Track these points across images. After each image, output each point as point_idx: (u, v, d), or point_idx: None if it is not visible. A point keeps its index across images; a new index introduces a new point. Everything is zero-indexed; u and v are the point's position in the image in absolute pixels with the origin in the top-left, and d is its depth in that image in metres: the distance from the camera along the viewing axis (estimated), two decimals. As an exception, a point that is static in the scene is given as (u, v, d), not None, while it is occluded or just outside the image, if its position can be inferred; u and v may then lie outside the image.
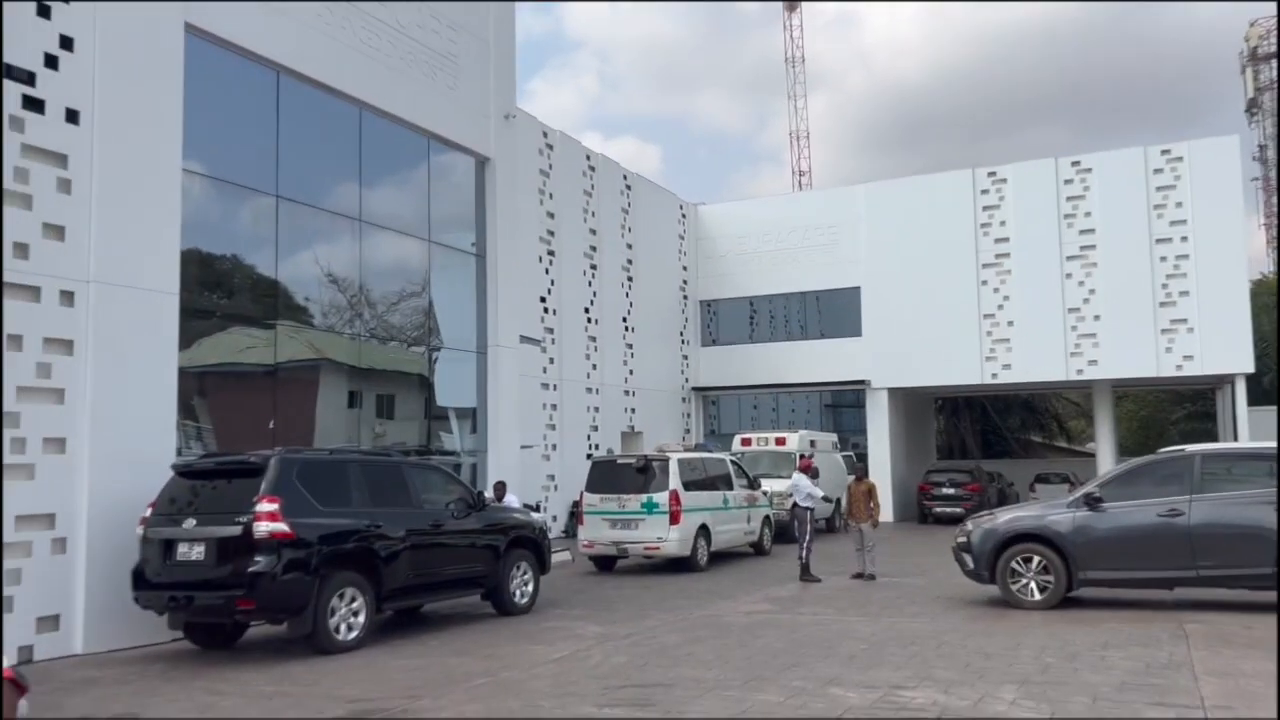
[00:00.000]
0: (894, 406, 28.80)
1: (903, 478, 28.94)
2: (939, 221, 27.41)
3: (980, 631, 10.00)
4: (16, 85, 9.89)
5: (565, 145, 24.08)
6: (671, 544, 16.12)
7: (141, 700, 7.89)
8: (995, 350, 26.74)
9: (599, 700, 7.35)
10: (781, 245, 30.14)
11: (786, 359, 29.62)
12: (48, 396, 10.09)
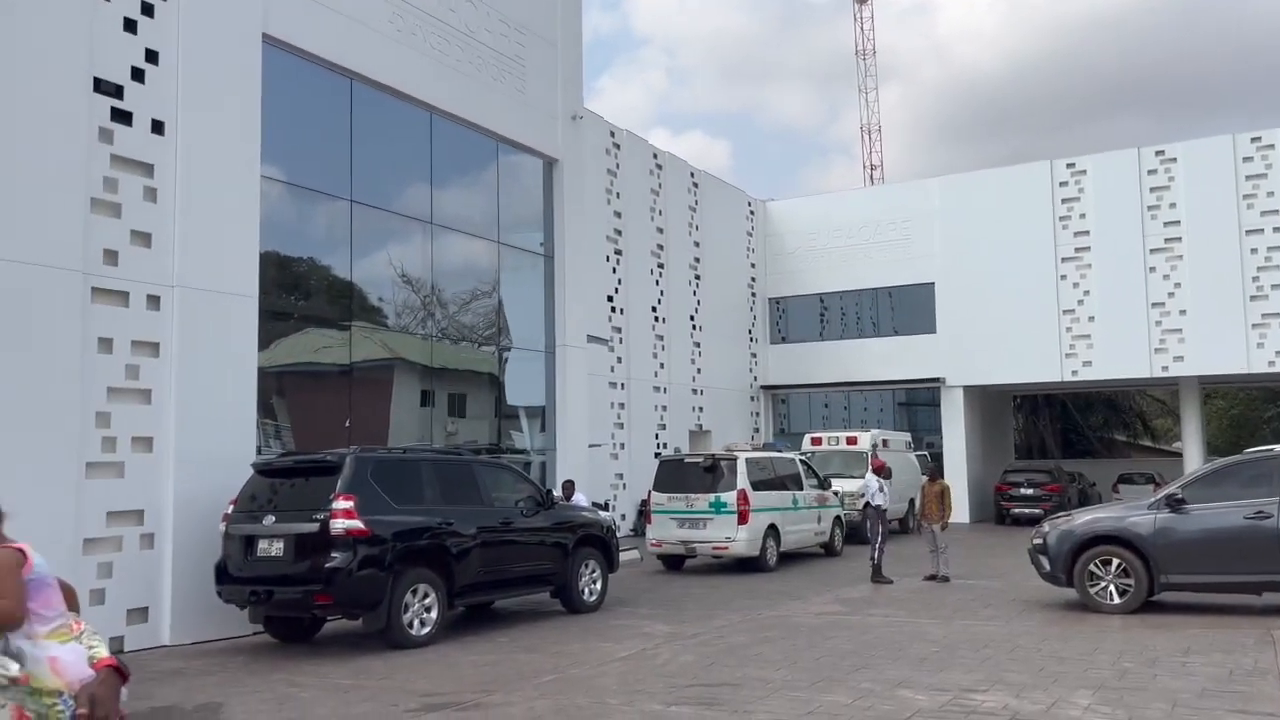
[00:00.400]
0: (969, 405, 28.36)
1: (979, 478, 28.50)
2: (1016, 215, 26.90)
3: (1056, 635, 9.86)
4: (106, 98, 10.33)
5: (632, 144, 24.26)
6: (740, 544, 16.15)
7: (225, 691, 8.21)
8: (1075, 346, 26.15)
9: (665, 698, 7.46)
10: (852, 241, 29.88)
11: (858, 357, 29.39)
12: (136, 397, 10.51)
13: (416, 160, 15.37)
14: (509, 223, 17.31)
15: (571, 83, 18.39)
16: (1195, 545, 10.69)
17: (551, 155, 17.78)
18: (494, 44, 16.33)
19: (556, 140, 17.81)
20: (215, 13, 11.46)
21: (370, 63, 13.86)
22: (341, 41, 13.36)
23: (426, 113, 15.15)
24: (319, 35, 13.02)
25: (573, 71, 18.47)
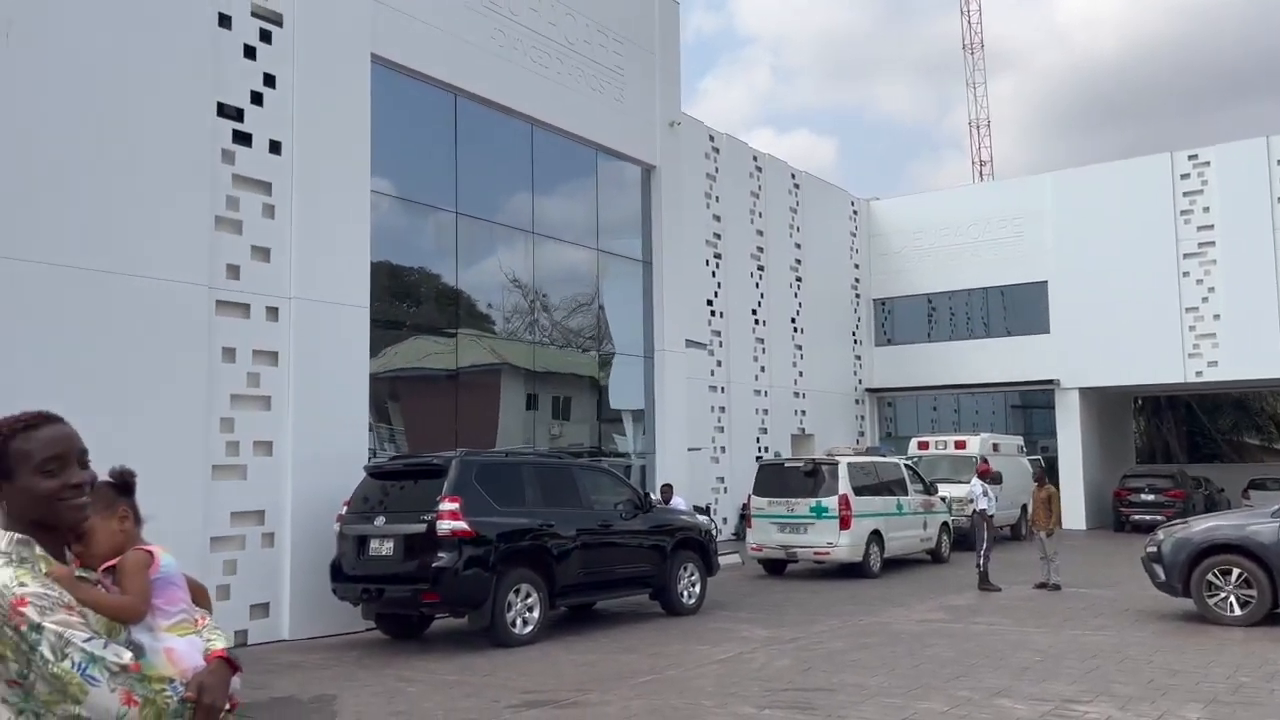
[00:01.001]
0: (1086, 407, 27.40)
1: (1096, 483, 27.50)
2: (1134, 210, 25.89)
3: (1169, 647, 9.56)
4: (228, 122, 10.93)
5: (732, 147, 24.31)
6: (842, 549, 16.05)
7: (339, 684, 8.60)
8: (1199, 346, 25.00)
9: (759, 701, 7.54)
10: (960, 239, 29.22)
11: (967, 358, 28.72)
12: (257, 403, 11.06)
13: (518, 170, 15.77)
14: (608, 229, 17.59)
15: (669, 90, 18.56)
16: (1324, 555, 10.22)
17: (649, 162, 17.97)
18: (593, 55, 16.62)
19: (654, 147, 18.00)
20: (327, 36, 12.00)
21: (474, 78, 14.28)
22: (446, 58, 13.79)
23: (528, 124, 15.53)
24: (425, 53, 13.48)
25: (671, 79, 18.64)
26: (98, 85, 9.82)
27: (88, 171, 9.68)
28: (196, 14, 10.67)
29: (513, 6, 14.95)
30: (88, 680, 2.08)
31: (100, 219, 9.74)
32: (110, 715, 2.10)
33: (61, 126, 9.54)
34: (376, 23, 12.68)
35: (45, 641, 2.06)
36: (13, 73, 9.19)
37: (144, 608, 2.40)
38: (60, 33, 9.56)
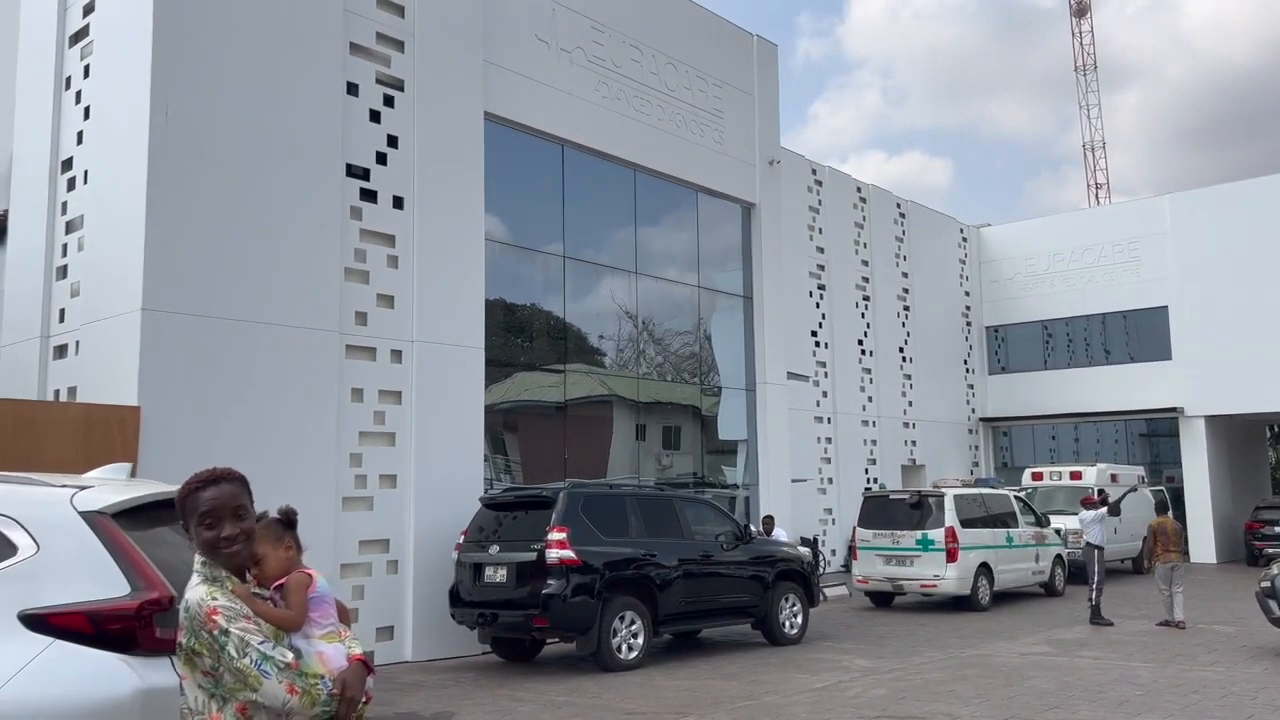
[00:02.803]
0: (1213, 435, 26.33)
1: (1227, 514, 26.35)
2: (1263, 230, 24.92)
3: (1278, 685, 9.35)
4: (355, 181, 11.78)
5: (834, 180, 24.44)
6: (949, 582, 15.95)
7: (457, 702, 9.15)
8: (1336, 372, 23.84)
9: None
10: (1075, 264, 28.59)
11: (1085, 386, 27.97)
12: (382, 439, 11.76)
13: (622, 213, 16.21)
14: (709, 266, 17.89)
15: (769, 129, 18.82)
16: None
17: (749, 200, 18.24)
18: (693, 100, 17.03)
19: (754, 185, 18.26)
20: (444, 99, 12.78)
21: (579, 128, 14.85)
22: (553, 112, 14.44)
23: (630, 170, 15.98)
24: (533, 108, 14.15)
25: (770, 118, 18.88)
26: (245, 154, 10.76)
27: (237, 231, 10.61)
28: (329, 86, 11.60)
29: (615, 59, 15.57)
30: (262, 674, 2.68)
31: (247, 274, 10.63)
32: (278, 701, 2.69)
33: (214, 192, 10.50)
34: (489, 83, 13.43)
35: (231, 643, 2.67)
36: (172, 147, 10.25)
37: (302, 620, 2.98)
38: (211, 110, 10.59)
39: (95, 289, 10.67)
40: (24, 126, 12.20)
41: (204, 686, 2.71)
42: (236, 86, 10.81)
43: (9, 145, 12.41)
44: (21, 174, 12.13)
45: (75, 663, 3.40)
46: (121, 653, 3.45)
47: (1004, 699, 8.86)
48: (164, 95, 10.19)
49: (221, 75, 10.69)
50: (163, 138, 10.15)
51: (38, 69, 12.04)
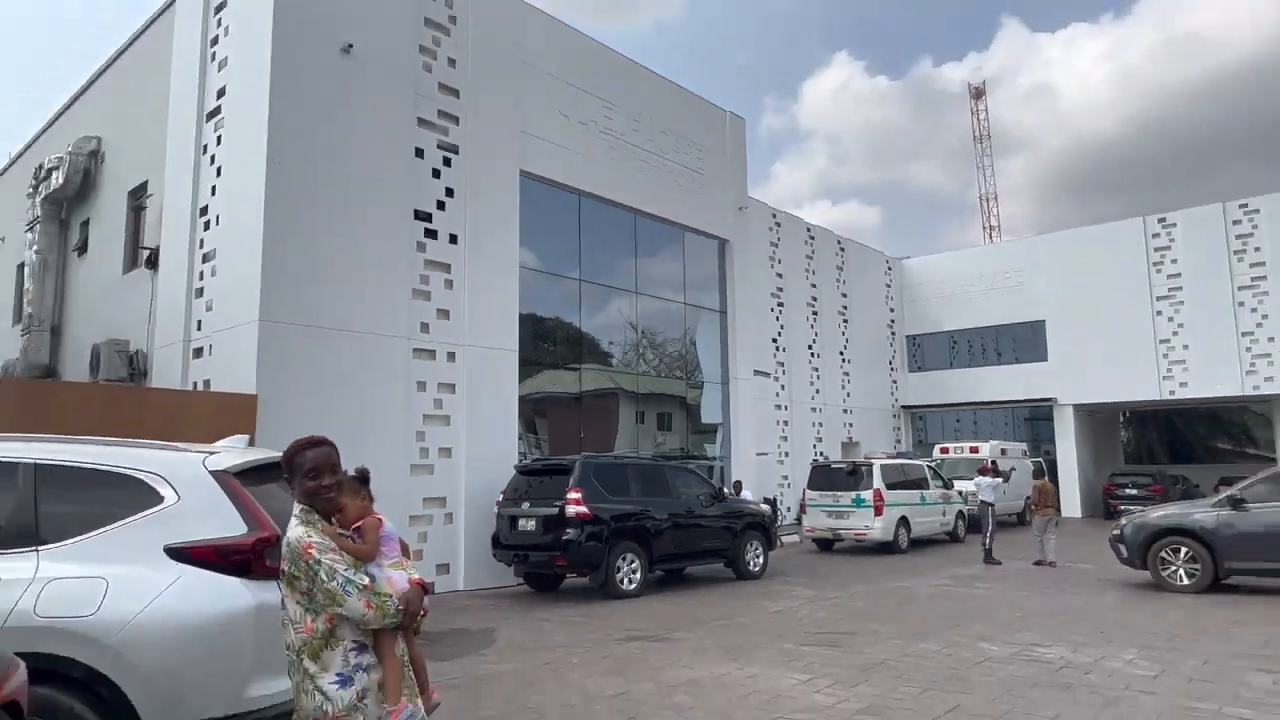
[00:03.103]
0: (1079, 420, 26.38)
1: (1089, 480, 26.41)
2: (1114, 263, 25.00)
3: (1125, 608, 9.41)
4: (420, 222, 11.85)
5: (790, 223, 24.47)
6: (876, 531, 15.98)
7: (497, 621, 9.20)
8: (1172, 370, 23.85)
9: (798, 640, 7.82)
10: (974, 288, 28.66)
11: (982, 381, 28.01)
12: (441, 421, 11.83)
13: (625, 247, 16.22)
14: (693, 288, 17.88)
15: (738, 182, 18.80)
16: (1256, 538, 9.88)
17: (723, 236, 18.23)
18: (680, 160, 17.06)
19: (728, 226, 18.28)
20: (490, 160, 12.84)
21: (591, 182, 14.89)
22: (572, 170, 14.50)
23: (632, 214, 16.00)
24: (558, 167, 14.20)
25: (739, 174, 18.86)
26: (338, 202, 10.85)
27: (331, 261, 10.71)
28: (402, 150, 11.69)
29: (620, 130, 15.62)
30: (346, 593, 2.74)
31: (339, 293, 10.72)
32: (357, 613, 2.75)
33: (314, 231, 10.60)
34: (523, 147, 13.50)
35: (322, 569, 2.73)
36: (282, 198, 10.33)
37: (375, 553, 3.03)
38: (312, 169, 10.67)
39: (224, 305, 10.75)
40: (171, 184, 12.28)
41: (301, 603, 2.77)
42: (332, 151, 10.88)
43: (161, 199, 12.48)
44: (170, 219, 12.21)
45: (206, 583, 3.48)
46: (240, 576, 3.53)
47: (916, 619, 8.88)
48: (277, 158, 10.27)
49: (320, 142, 10.77)
50: (276, 191, 10.22)
51: (182, 138, 12.12)
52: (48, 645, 3.25)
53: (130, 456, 3.74)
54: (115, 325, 13.05)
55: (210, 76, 11.71)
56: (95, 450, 3.77)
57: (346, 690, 2.69)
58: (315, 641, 2.71)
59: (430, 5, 12.33)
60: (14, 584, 3.35)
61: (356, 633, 2.77)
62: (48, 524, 3.53)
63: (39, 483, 3.60)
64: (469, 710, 5.64)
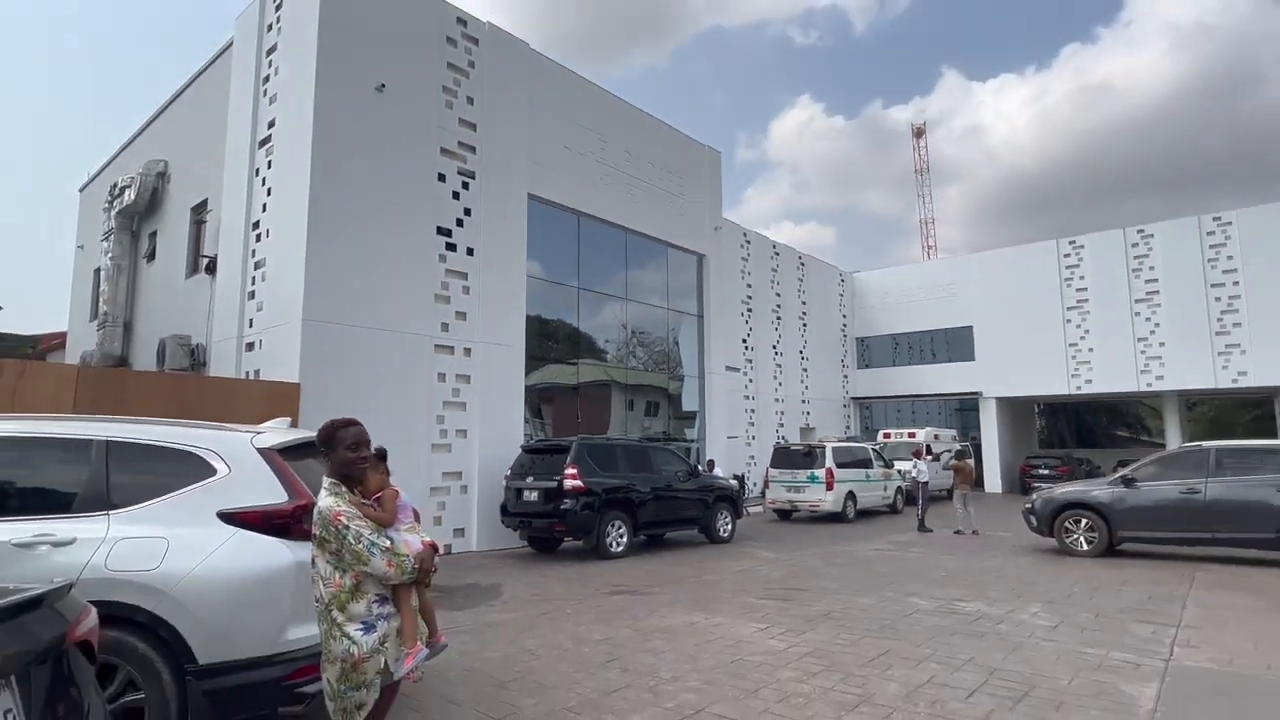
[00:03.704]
0: (1001, 410, 26.58)
1: (1009, 461, 26.63)
2: (1032, 277, 25.18)
3: (1034, 569, 9.50)
4: (442, 237, 11.83)
5: (758, 241, 24.50)
6: (827, 503, 16.04)
7: (504, 577, 9.22)
8: (1079, 370, 24.05)
9: (759, 594, 7.88)
10: (914, 298, 28.79)
11: (919, 377, 28.15)
12: (458, 407, 11.82)
13: (616, 259, 16.21)
14: (675, 295, 17.88)
15: (714, 206, 18.79)
16: (1143, 511, 10.02)
17: (701, 252, 18.24)
18: (664, 186, 17.08)
19: (705, 243, 18.29)
20: (502, 185, 12.84)
21: (589, 204, 14.89)
22: (573, 193, 14.49)
23: (623, 232, 16.01)
24: (561, 191, 14.20)
25: (715, 199, 18.86)
26: (371, 219, 10.83)
27: (366, 270, 10.69)
28: (426, 175, 11.66)
29: (615, 160, 15.63)
30: (370, 553, 2.79)
31: (372, 297, 10.71)
32: (380, 570, 2.79)
33: (351, 244, 10.55)
34: (531, 174, 13.48)
35: (350, 533, 2.78)
36: (324, 215, 10.30)
37: (393, 520, 3.09)
38: (349, 190, 10.64)
39: (272, 306, 10.71)
40: (228, 201, 12.21)
41: (330, 562, 2.81)
42: (366, 175, 10.86)
43: (219, 214, 12.41)
44: (226, 232, 12.15)
45: (253, 543, 3.50)
46: (281, 538, 3.55)
47: (858, 578, 8.94)
48: (318, 181, 10.23)
49: (356, 167, 10.73)
50: (317, 209, 10.18)
51: (238, 163, 12.06)
52: (116, 594, 3.28)
53: (188, 435, 3.76)
54: (179, 322, 12.97)
55: (262, 109, 11.65)
56: (159, 430, 3.79)
57: (370, 636, 2.74)
58: (343, 595, 2.76)
59: (452, 52, 12.30)
60: (89, 542, 3.38)
61: (378, 587, 2.82)
62: (117, 492, 3.55)
63: (110, 457, 3.62)
64: (477, 652, 5.69)
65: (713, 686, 4.76)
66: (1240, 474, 9.45)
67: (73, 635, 2.23)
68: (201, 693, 3.28)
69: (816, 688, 4.73)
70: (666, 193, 17.12)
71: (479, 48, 12.70)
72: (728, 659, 5.41)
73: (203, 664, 3.31)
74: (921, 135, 54.85)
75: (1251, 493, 9.27)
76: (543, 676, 5.04)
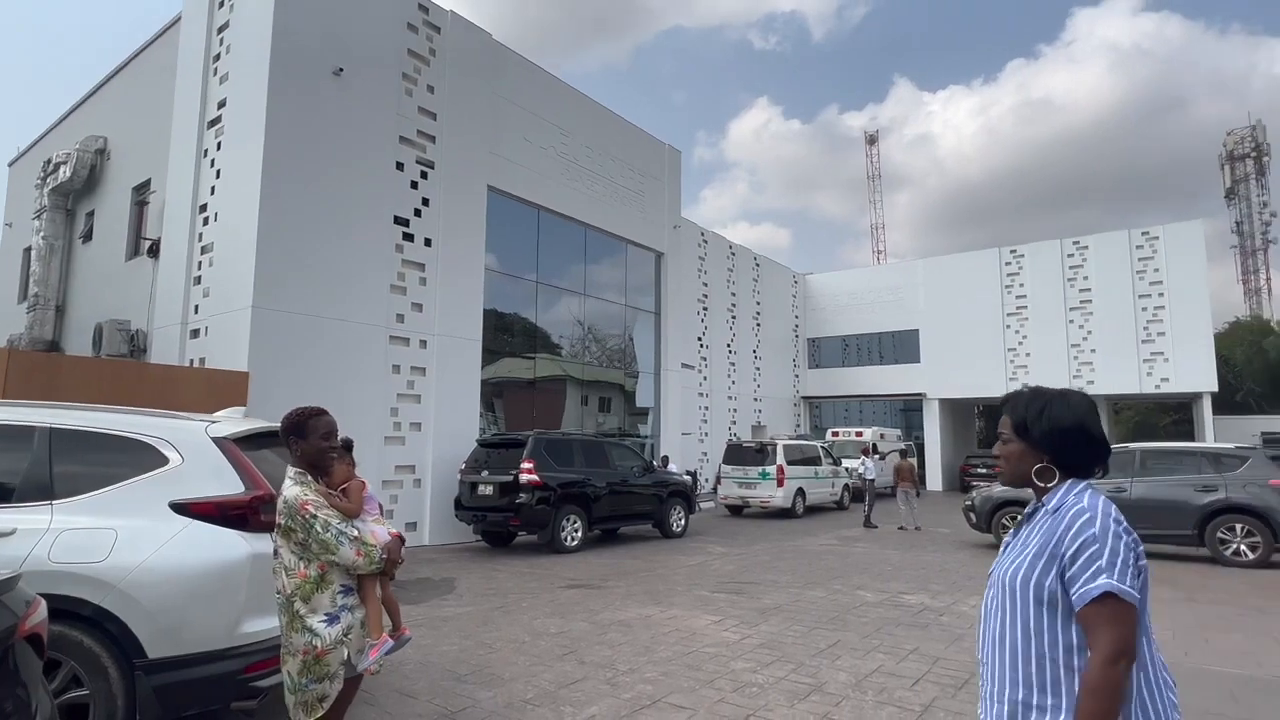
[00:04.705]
0: (944, 411, 27.51)
1: (950, 460, 27.58)
2: (975, 284, 26.14)
3: (973, 563, 9.84)
4: (399, 227, 11.61)
5: (715, 240, 24.73)
6: (777, 499, 16.26)
7: (457, 571, 9.12)
8: (1016, 373, 25.10)
9: (711, 587, 7.98)
10: (864, 301, 29.51)
11: (867, 377, 28.89)
12: (412, 399, 11.62)
13: (576, 254, 16.13)
14: (633, 292, 17.89)
15: (673, 204, 18.85)
16: (1073, 510, 10.48)
17: (660, 250, 18.27)
18: (624, 183, 17.08)
19: (664, 241, 18.34)
20: (461, 175, 12.65)
21: (549, 198, 14.77)
22: (533, 187, 14.37)
23: (583, 227, 15.95)
24: (520, 184, 14.06)
25: (674, 197, 18.91)
26: (327, 206, 10.54)
27: (319, 257, 10.39)
28: (384, 163, 11.41)
29: (575, 155, 15.55)
30: (339, 542, 2.75)
31: (326, 285, 10.43)
32: (348, 560, 2.76)
33: (305, 230, 10.25)
34: (492, 166, 13.32)
35: (318, 523, 2.74)
36: (276, 199, 9.98)
37: (360, 510, 3.05)
38: (305, 175, 10.34)
39: (220, 292, 10.34)
40: (174, 182, 11.71)
41: (295, 552, 2.76)
42: (321, 161, 10.57)
43: (164, 195, 11.89)
44: (171, 214, 11.65)
45: (207, 534, 3.41)
46: (238, 529, 3.47)
47: (807, 571, 9.10)
48: (271, 165, 9.91)
49: (311, 153, 10.43)
50: (270, 194, 9.87)
51: (185, 143, 11.57)
52: (60, 588, 3.15)
53: (139, 423, 3.63)
54: (117, 306, 12.39)
55: (212, 89, 11.20)
56: (107, 417, 3.65)
57: (334, 627, 2.71)
58: (307, 586, 2.72)
59: (413, 39, 12.06)
60: (30, 534, 3.24)
61: (344, 577, 2.79)
62: (62, 481, 3.40)
63: (54, 445, 3.47)
64: (432, 646, 5.64)
65: (669, 677, 4.83)
66: (1162, 474, 10.02)
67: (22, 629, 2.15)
68: (151, 688, 3.19)
69: (770, 677, 4.85)
70: (627, 189, 17.11)
71: (441, 36, 12.48)
72: (683, 651, 5.49)
73: (152, 658, 3.21)
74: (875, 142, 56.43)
75: (1173, 492, 9.83)
76: (499, 669, 5.03)
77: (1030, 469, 1.67)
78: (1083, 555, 1.49)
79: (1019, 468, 1.70)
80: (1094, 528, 1.51)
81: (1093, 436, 1.64)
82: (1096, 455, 1.65)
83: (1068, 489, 1.62)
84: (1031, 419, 1.68)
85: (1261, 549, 9.34)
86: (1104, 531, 1.50)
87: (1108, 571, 1.46)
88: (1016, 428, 1.70)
